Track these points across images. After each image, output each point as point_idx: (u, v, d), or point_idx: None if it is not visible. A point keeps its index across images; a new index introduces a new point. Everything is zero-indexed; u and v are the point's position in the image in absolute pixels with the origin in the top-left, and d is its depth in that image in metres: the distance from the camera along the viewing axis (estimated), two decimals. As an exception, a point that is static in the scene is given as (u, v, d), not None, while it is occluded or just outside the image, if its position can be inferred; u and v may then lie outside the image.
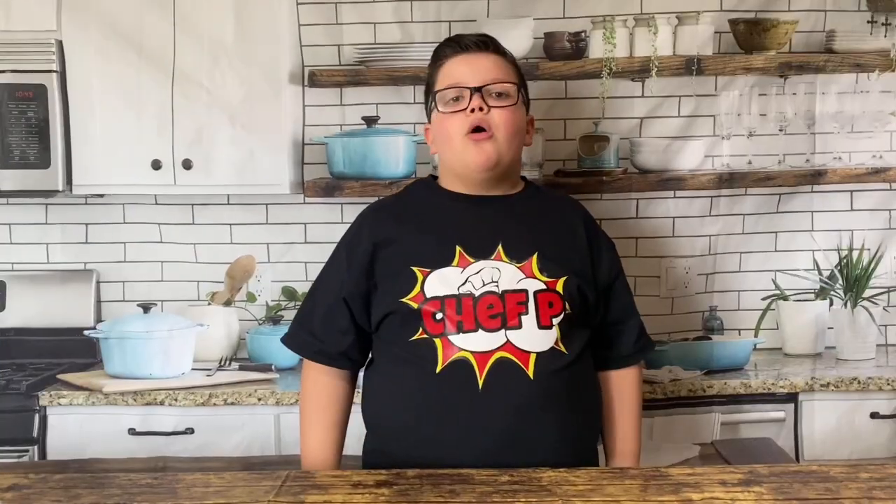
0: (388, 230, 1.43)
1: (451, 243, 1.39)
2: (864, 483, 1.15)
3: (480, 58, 1.43)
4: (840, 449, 1.92)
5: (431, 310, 1.35)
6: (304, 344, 1.48)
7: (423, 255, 1.39)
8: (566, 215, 1.50)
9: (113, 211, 2.08)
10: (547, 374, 1.34)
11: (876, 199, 2.04)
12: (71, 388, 1.89)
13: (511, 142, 1.42)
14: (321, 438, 1.46)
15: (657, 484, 1.17)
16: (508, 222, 1.43)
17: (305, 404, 1.49)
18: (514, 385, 1.32)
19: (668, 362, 1.96)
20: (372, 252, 1.42)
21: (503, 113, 1.40)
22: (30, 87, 1.94)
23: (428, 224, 1.43)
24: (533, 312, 1.35)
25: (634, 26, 1.95)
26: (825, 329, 2.05)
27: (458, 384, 1.32)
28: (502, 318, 1.34)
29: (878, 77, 1.97)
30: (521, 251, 1.39)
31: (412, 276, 1.37)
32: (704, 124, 1.98)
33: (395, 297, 1.37)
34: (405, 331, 1.36)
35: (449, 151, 1.44)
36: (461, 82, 1.41)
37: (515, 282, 1.36)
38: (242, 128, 1.97)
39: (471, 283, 1.36)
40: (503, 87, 1.42)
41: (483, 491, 1.15)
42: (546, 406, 1.34)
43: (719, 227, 1.99)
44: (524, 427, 1.32)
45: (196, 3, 1.96)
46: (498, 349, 1.33)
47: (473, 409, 1.32)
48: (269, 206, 2.07)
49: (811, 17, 1.96)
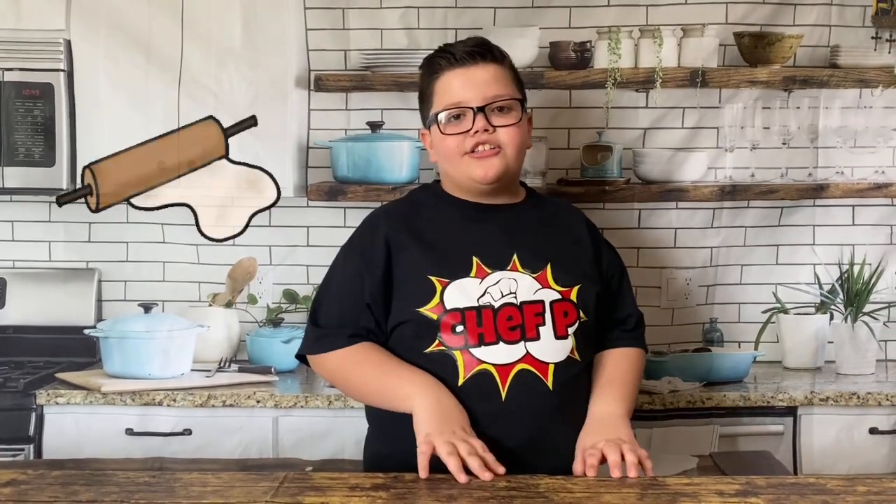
0: (401, 235, 1.42)
1: (468, 253, 1.38)
2: (862, 497, 1.15)
3: (478, 70, 1.41)
4: (838, 463, 1.92)
5: (451, 322, 1.34)
6: (332, 338, 1.40)
7: (440, 265, 1.38)
8: (571, 222, 1.51)
9: (116, 211, 2.08)
10: (564, 384, 1.35)
11: (878, 214, 2.04)
12: (69, 387, 1.89)
13: (517, 156, 1.43)
14: (411, 368, 1.34)
15: (654, 493, 1.17)
16: (520, 232, 1.44)
17: (364, 366, 1.37)
18: (535, 396, 1.33)
19: (668, 373, 1.96)
20: (387, 255, 1.41)
21: (509, 131, 1.41)
22: (37, 85, 1.95)
23: (441, 232, 1.43)
24: (550, 323, 1.36)
25: (640, 37, 1.96)
26: (825, 343, 2.05)
27: (481, 397, 1.32)
28: (521, 329, 1.34)
29: (881, 93, 1.98)
30: (535, 261, 1.39)
31: (430, 286, 1.36)
32: (708, 136, 1.99)
33: (412, 306, 1.36)
34: (420, 342, 1.36)
35: (452, 166, 1.44)
36: (462, 101, 1.40)
37: (532, 292, 1.37)
38: (248, 131, 1.98)
39: (489, 294, 1.36)
40: (505, 102, 1.42)
41: (480, 496, 1.15)
42: (564, 415, 1.35)
43: (721, 239, 1.99)
44: (543, 436, 1.33)
45: (204, 7, 1.97)
46: (518, 361, 1.33)
47: (496, 421, 1.32)
48: (272, 209, 2.07)
49: (816, 31, 1.97)
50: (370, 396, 1.42)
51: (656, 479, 1.23)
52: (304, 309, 1.96)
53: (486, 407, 1.32)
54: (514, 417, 1.32)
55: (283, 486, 1.18)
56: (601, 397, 1.40)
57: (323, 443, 1.89)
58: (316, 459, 1.85)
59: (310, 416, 1.88)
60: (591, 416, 1.38)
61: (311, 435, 1.88)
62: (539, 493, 1.15)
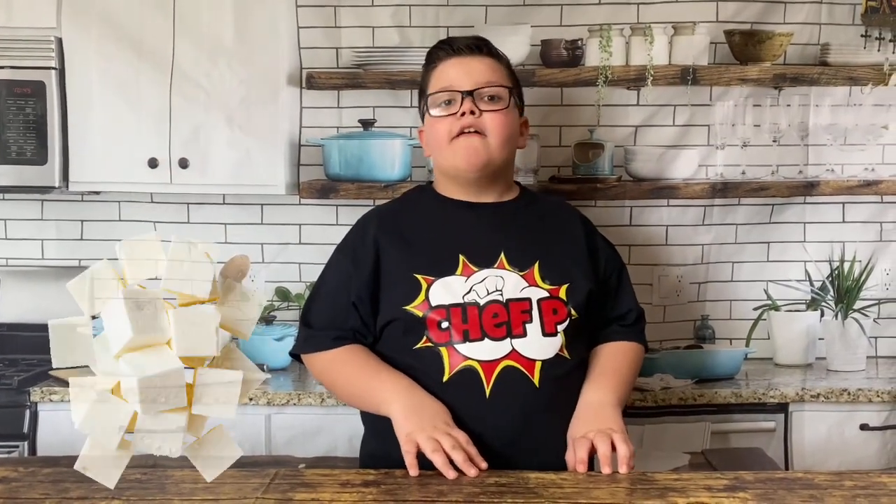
0: (390, 234, 1.44)
1: (455, 252, 1.39)
2: (849, 491, 1.16)
3: (473, 61, 1.44)
4: (830, 460, 1.93)
5: (437, 318, 1.35)
6: (318, 339, 1.42)
7: (426, 263, 1.39)
8: (564, 221, 1.51)
9: (108, 208, 2.08)
10: (551, 381, 1.35)
11: (868, 211, 2.05)
12: (63, 385, 1.89)
13: (503, 145, 1.43)
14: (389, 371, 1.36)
15: (643, 488, 1.18)
16: (509, 230, 1.44)
17: (347, 369, 1.38)
18: (520, 393, 1.33)
19: (660, 370, 1.97)
20: (376, 256, 1.42)
21: (495, 116, 1.41)
22: (28, 83, 1.95)
23: (430, 232, 1.44)
24: (537, 320, 1.36)
25: (631, 35, 1.96)
26: (816, 340, 2.06)
27: (466, 392, 1.33)
28: (507, 326, 1.35)
29: (871, 90, 1.99)
30: (523, 259, 1.40)
31: (416, 284, 1.37)
32: (699, 134, 2.00)
33: (399, 304, 1.37)
34: (409, 339, 1.36)
35: (440, 154, 1.45)
36: (453, 85, 1.42)
37: (519, 290, 1.37)
38: (239, 128, 1.98)
39: (475, 291, 1.37)
40: (495, 90, 1.43)
41: (470, 492, 1.15)
42: (550, 412, 1.35)
43: (712, 237, 2.00)
44: (529, 433, 1.33)
45: (196, 4, 1.97)
46: (504, 357, 1.34)
47: (481, 417, 1.32)
48: (265, 207, 2.07)
49: (806, 29, 1.97)
50: (353, 399, 1.44)
51: (645, 474, 1.24)
52: (296, 307, 1.96)
53: (471, 403, 1.32)
54: (499, 414, 1.32)
55: (274, 482, 1.18)
56: (593, 386, 1.39)
57: (316, 440, 1.89)
58: (309, 457, 1.85)
59: (302, 414, 1.88)
60: (582, 404, 1.36)
61: (303, 432, 1.89)
62: (529, 489, 1.16)
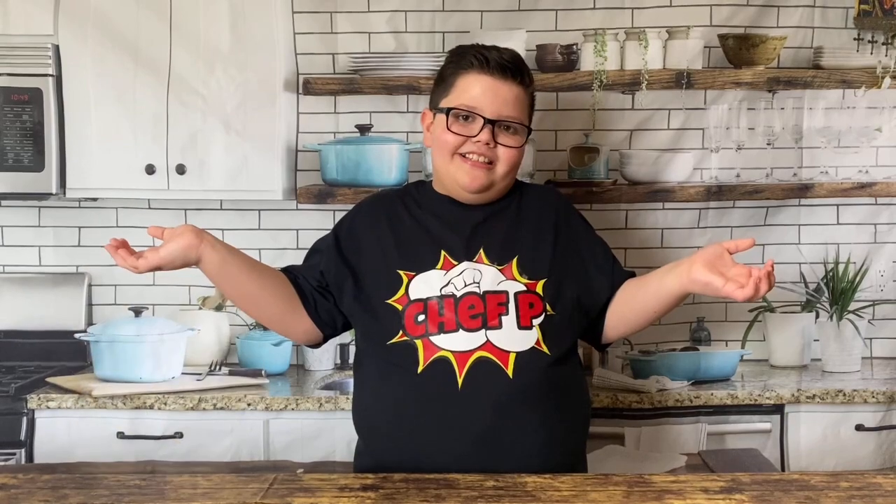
0: (378, 226, 1.46)
1: (437, 247, 1.41)
2: (844, 492, 1.16)
3: (503, 87, 1.42)
4: (825, 460, 1.93)
5: (414, 312, 1.37)
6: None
7: (409, 259, 1.41)
8: (544, 214, 1.50)
9: (106, 215, 2.09)
10: (527, 373, 1.35)
11: (862, 213, 2.07)
12: (60, 391, 1.89)
13: (507, 174, 1.45)
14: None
15: (640, 490, 1.18)
16: (493, 225, 1.45)
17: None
18: (493, 384, 1.34)
19: (656, 372, 1.98)
20: (358, 247, 1.44)
21: (508, 151, 1.43)
22: (26, 90, 1.95)
23: (417, 227, 1.46)
24: (513, 313, 1.37)
25: (625, 40, 1.97)
26: (811, 341, 2.07)
27: (438, 383, 1.34)
28: (483, 318, 1.36)
29: (864, 93, 2.00)
30: (502, 254, 1.41)
31: (397, 279, 1.39)
32: (693, 137, 2.01)
33: (380, 298, 1.39)
34: (386, 333, 1.38)
35: (442, 161, 1.46)
36: (477, 108, 1.42)
37: (496, 283, 1.39)
38: (237, 134, 1.99)
39: (453, 284, 1.38)
40: (515, 126, 1.44)
41: (468, 496, 1.16)
42: (526, 405, 1.35)
43: (707, 239, 2.01)
44: (504, 426, 1.34)
45: (192, 11, 1.97)
46: (478, 349, 1.34)
47: (453, 408, 1.33)
48: (262, 212, 2.08)
49: (799, 33, 1.99)
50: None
51: (642, 476, 1.24)
52: (294, 311, 1.96)
53: (443, 394, 1.33)
54: (471, 404, 1.33)
55: (273, 487, 1.19)
56: (662, 269, 1.39)
57: (314, 445, 1.89)
58: (307, 461, 1.85)
59: (300, 419, 1.88)
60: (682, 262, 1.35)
61: (301, 437, 1.89)
62: (527, 492, 1.16)
